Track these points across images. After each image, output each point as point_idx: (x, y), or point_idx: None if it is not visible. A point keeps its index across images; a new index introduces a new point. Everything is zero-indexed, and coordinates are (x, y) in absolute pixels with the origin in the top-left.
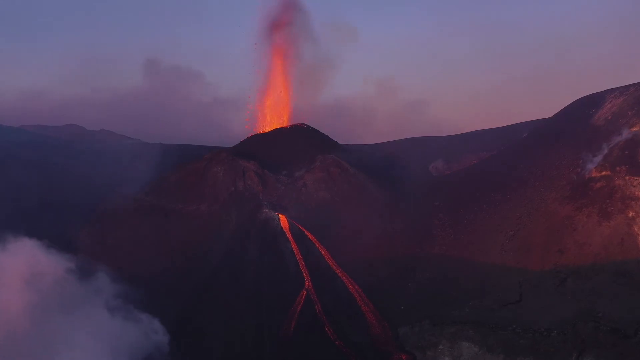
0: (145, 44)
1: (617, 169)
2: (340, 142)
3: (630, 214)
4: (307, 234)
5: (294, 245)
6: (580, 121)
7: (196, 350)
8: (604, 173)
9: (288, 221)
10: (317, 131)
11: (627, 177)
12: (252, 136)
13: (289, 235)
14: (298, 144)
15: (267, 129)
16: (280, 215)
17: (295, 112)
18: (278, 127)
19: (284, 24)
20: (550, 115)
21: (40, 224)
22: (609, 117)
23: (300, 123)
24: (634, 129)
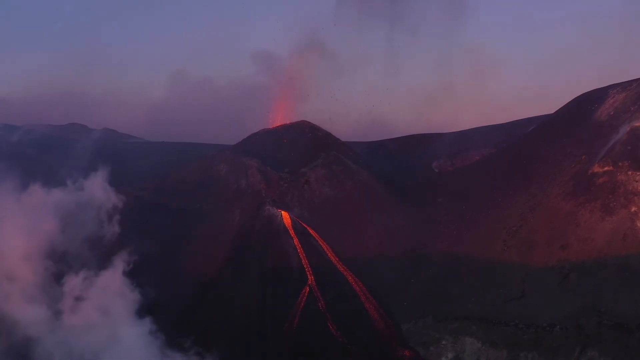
0: None
1: (620, 164)
2: (343, 139)
3: (633, 209)
4: (310, 231)
5: (297, 242)
6: (583, 117)
7: (200, 347)
8: (606, 168)
9: (291, 218)
10: (320, 129)
11: (630, 172)
12: (255, 134)
13: (292, 232)
14: (301, 142)
15: (272, 126)
16: (283, 213)
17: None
18: (281, 124)
19: None
20: (552, 111)
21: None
22: (612, 113)
23: (303, 120)
24: (637, 124)
